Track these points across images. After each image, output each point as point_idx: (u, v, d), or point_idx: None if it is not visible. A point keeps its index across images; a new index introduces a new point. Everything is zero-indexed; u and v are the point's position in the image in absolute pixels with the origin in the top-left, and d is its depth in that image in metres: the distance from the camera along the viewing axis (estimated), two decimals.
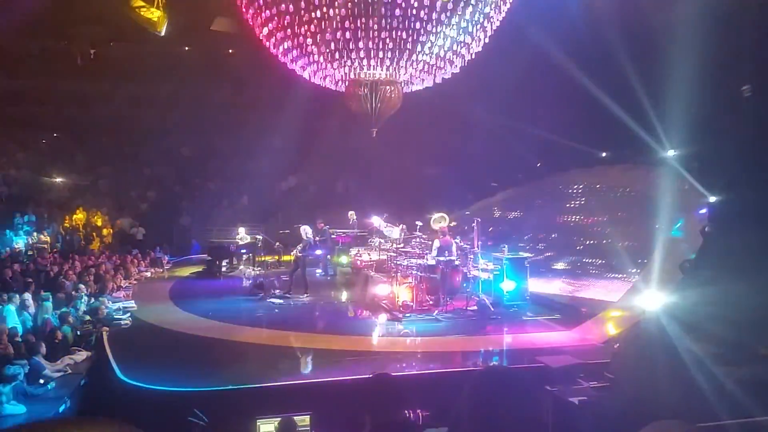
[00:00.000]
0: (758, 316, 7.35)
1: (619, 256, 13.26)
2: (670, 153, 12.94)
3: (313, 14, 9.72)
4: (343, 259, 16.03)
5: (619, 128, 12.82)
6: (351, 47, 10.02)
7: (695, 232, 11.37)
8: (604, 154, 16.46)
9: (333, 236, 16.37)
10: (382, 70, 10.58)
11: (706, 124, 11.19)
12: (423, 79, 11.35)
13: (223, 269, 16.93)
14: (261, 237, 17.22)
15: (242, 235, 17.26)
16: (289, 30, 10.17)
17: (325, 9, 9.63)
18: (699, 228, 11.23)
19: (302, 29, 10.02)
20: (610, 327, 10.50)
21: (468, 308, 11.80)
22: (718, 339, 7.39)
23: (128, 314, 11.64)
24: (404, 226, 14.17)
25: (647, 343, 2.50)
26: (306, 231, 13.76)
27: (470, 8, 9.84)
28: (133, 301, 12.83)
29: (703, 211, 11.76)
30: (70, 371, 8.64)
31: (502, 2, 10.33)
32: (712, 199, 11.30)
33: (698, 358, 6.61)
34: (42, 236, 18.73)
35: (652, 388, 2.41)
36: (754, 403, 5.09)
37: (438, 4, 9.50)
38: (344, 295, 14.14)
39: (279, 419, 5.98)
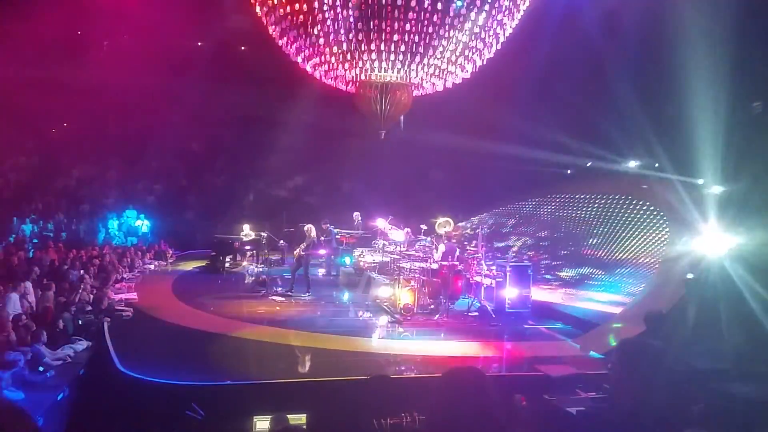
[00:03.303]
0: None
1: (623, 269, 13.22)
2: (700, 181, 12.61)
3: (325, 14, 9.76)
4: (347, 260, 16.04)
5: (640, 140, 12.74)
6: (363, 49, 10.05)
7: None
8: (625, 165, 16.31)
9: (337, 236, 16.38)
10: (393, 72, 10.60)
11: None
12: (434, 83, 11.37)
13: (227, 265, 16.97)
14: (265, 234, 17.25)
15: (247, 232, 17.31)
16: (301, 29, 10.21)
17: (338, 9, 9.68)
18: None
19: (315, 29, 10.06)
20: (612, 339, 10.45)
21: (469, 314, 11.79)
22: None
23: (130, 306, 11.67)
24: (409, 230, 14.17)
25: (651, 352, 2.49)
26: (310, 230, 13.77)
27: (483, 14, 9.85)
28: (135, 293, 12.87)
29: None
30: (69, 360, 8.67)
31: (515, 9, 10.34)
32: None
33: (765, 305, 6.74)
34: (48, 225, 18.81)
35: (649, 400, 2.40)
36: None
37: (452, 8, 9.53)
38: (346, 296, 14.14)
39: (272, 416, 5.99)
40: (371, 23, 9.71)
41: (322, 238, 14.82)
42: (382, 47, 9.95)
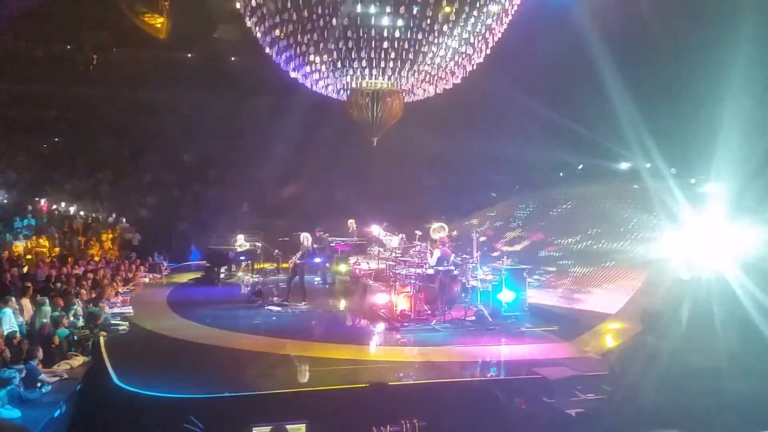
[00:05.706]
0: None
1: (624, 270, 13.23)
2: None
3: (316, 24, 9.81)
4: (342, 268, 16.01)
5: (633, 143, 12.79)
6: (353, 56, 10.09)
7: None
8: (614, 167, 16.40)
9: (332, 244, 16.36)
10: (383, 79, 10.64)
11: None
12: (425, 89, 11.41)
13: (222, 276, 16.91)
14: (260, 244, 17.20)
15: (241, 242, 17.24)
16: (292, 39, 10.25)
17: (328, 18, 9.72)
18: None
19: (305, 38, 10.10)
20: (609, 339, 10.47)
21: (466, 318, 11.78)
22: None
23: (126, 320, 11.61)
24: (404, 236, 14.17)
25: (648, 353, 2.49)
26: (305, 239, 13.76)
27: (472, 19, 9.92)
28: (130, 307, 12.81)
29: None
30: (66, 376, 8.61)
31: (504, 14, 10.41)
32: None
33: None
34: (41, 240, 18.71)
35: (650, 401, 2.42)
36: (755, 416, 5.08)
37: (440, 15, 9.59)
38: (342, 304, 14.11)
39: (271, 427, 5.97)
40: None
41: (316, 247, 14.79)
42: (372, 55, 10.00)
